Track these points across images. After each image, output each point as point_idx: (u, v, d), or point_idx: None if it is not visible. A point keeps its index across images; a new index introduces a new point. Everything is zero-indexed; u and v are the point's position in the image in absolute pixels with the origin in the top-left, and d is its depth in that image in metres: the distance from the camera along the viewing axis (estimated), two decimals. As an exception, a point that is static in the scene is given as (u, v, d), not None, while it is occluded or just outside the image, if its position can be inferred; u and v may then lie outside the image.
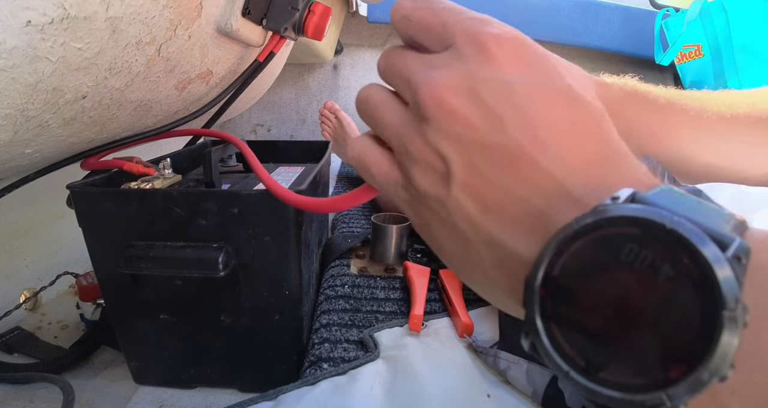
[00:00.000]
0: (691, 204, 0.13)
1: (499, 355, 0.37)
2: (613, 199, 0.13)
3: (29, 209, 0.61)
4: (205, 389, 0.45)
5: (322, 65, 1.51)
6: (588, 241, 0.13)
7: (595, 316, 0.13)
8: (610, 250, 0.13)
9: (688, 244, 0.11)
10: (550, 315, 0.13)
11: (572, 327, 0.13)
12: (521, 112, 0.15)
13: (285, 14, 0.48)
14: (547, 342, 0.13)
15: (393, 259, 0.60)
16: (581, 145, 0.15)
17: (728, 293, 0.11)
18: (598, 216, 0.13)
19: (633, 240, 0.12)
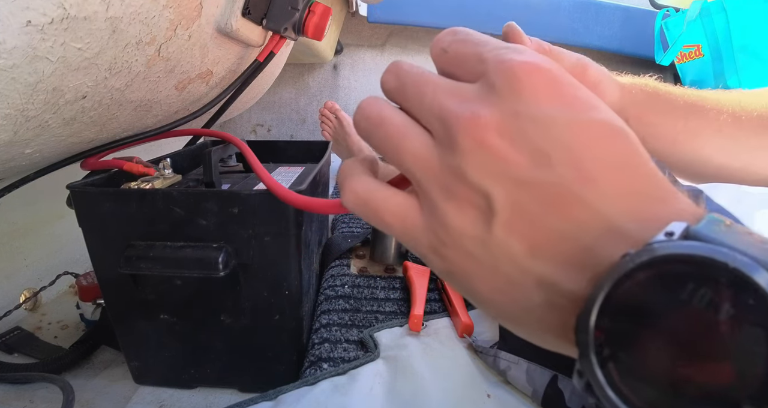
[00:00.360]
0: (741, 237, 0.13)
1: (499, 355, 0.37)
2: (667, 234, 0.13)
3: (29, 209, 0.61)
4: (205, 389, 0.45)
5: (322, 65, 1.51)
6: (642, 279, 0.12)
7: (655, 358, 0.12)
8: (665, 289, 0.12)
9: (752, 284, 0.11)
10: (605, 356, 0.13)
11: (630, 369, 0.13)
12: (566, 148, 0.14)
13: (285, 14, 0.48)
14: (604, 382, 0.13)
15: (393, 259, 0.60)
16: (627, 179, 0.15)
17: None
18: (654, 254, 0.12)
19: (691, 278, 0.12)
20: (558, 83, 0.15)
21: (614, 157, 0.15)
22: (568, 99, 0.15)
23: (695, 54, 1.15)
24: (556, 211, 0.14)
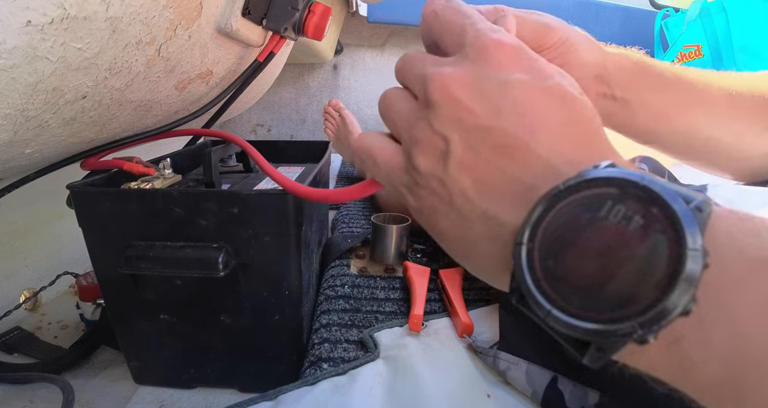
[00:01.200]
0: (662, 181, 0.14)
1: (498, 356, 0.37)
2: (594, 167, 0.15)
3: (29, 209, 0.61)
4: (205, 389, 0.45)
5: (322, 65, 1.51)
6: (571, 200, 0.15)
7: (576, 264, 0.14)
8: (589, 208, 0.14)
9: (657, 197, 0.13)
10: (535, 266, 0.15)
11: (556, 275, 0.15)
12: (516, 104, 0.17)
13: (285, 14, 0.48)
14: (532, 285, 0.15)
15: (393, 259, 0.60)
16: (570, 134, 0.17)
17: (690, 235, 0.13)
18: (580, 178, 0.15)
19: (610, 197, 0.14)
20: (519, 56, 0.18)
21: (556, 115, 0.17)
22: (525, 68, 0.18)
23: (695, 54, 1.15)
24: (502, 153, 0.17)
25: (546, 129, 0.17)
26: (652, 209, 0.13)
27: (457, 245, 0.20)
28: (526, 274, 0.15)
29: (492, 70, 0.18)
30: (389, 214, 0.64)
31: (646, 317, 0.13)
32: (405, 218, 0.62)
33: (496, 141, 0.17)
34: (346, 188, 0.24)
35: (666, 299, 0.12)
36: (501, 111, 0.17)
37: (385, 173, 0.21)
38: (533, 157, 0.17)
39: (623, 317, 0.13)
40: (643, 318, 0.13)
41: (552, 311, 0.14)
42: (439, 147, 0.18)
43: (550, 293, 0.15)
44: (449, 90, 0.18)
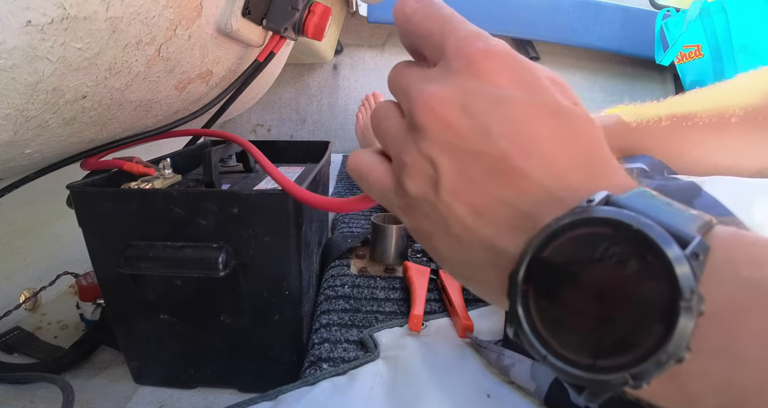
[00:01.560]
0: (660, 206, 0.14)
1: (503, 352, 0.37)
2: (588, 201, 0.14)
3: (29, 209, 0.61)
4: (205, 389, 0.45)
5: (322, 65, 1.51)
6: (566, 239, 0.14)
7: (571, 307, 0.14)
8: (585, 248, 0.14)
9: (652, 243, 0.13)
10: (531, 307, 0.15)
11: (551, 317, 0.14)
12: (508, 125, 0.16)
13: (285, 14, 0.48)
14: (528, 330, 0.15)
15: (393, 259, 0.60)
16: (565, 153, 0.16)
17: (685, 286, 0.12)
18: (575, 217, 0.14)
19: (605, 239, 0.14)
20: (509, 66, 0.17)
21: (551, 133, 0.16)
22: (520, 81, 0.17)
23: (695, 54, 1.15)
24: (497, 180, 0.16)
25: (541, 151, 0.16)
26: (647, 255, 0.13)
27: (457, 268, 0.19)
28: (522, 318, 0.15)
29: (481, 85, 0.17)
30: (389, 214, 0.64)
31: (639, 369, 0.13)
32: (405, 218, 0.62)
33: (490, 166, 0.16)
34: (344, 200, 0.25)
35: (660, 352, 0.12)
36: (492, 133, 0.16)
37: (377, 194, 0.20)
38: (529, 183, 0.16)
39: (617, 367, 0.13)
40: (636, 369, 0.13)
41: (548, 357, 0.14)
42: (428, 172, 0.17)
43: (545, 336, 0.14)
44: (436, 112, 0.17)
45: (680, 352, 0.12)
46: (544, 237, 0.14)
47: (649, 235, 0.13)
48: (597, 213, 0.14)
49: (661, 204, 0.14)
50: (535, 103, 0.16)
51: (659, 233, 0.13)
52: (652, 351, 0.12)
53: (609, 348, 0.13)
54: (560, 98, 0.17)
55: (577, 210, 0.14)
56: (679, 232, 0.13)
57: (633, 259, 0.13)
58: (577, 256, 0.14)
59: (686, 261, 0.12)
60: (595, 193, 0.15)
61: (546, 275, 0.14)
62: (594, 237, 0.14)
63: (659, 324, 0.12)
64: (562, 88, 0.17)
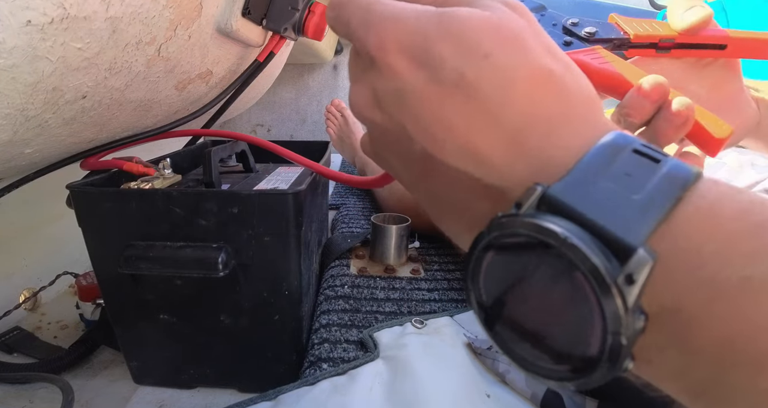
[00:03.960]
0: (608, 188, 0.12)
1: (498, 358, 0.37)
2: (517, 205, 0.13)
3: (29, 209, 0.61)
4: (205, 389, 0.45)
5: (322, 65, 1.52)
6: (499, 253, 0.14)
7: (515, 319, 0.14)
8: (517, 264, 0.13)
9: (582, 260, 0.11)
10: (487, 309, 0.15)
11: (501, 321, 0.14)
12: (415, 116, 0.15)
13: (285, 14, 0.48)
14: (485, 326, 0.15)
15: (393, 259, 0.60)
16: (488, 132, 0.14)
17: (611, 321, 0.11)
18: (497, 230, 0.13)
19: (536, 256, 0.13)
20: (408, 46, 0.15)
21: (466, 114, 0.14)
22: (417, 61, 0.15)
23: (695, 54, 1.14)
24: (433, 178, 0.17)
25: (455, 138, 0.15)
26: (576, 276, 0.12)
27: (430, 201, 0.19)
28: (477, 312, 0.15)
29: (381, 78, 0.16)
30: (389, 214, 0.64)
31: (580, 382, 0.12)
32: (405, 218, 0.62)
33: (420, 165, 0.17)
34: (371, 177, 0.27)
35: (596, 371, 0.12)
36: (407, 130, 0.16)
37: None
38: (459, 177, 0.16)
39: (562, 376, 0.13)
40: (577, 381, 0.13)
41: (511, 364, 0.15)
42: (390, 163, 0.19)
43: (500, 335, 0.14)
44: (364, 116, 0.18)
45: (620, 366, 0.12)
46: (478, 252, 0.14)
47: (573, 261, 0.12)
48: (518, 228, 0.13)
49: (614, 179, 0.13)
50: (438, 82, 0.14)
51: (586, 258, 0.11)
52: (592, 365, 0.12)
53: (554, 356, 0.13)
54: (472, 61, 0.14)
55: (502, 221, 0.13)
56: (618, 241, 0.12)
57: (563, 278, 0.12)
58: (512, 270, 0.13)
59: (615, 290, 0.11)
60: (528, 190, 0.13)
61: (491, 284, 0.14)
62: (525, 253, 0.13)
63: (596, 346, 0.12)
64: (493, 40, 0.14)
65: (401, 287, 0.54)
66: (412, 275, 0.58)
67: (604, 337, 0.12)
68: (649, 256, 0.11)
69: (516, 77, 0.14)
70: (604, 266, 0.11)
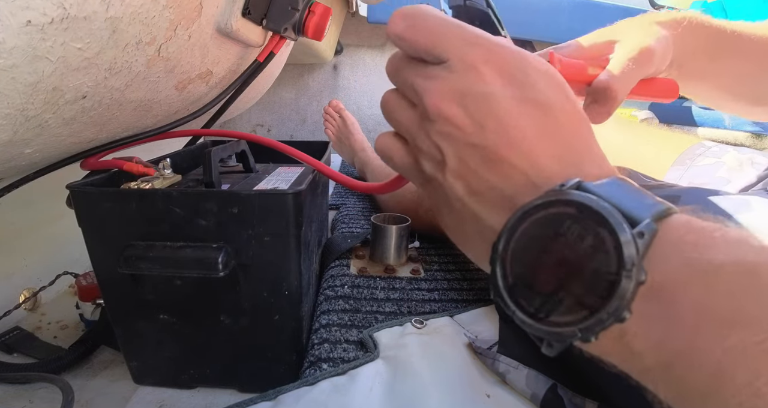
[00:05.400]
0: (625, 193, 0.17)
1: (498, 359, 0.37)
2: (561, 186, 0.17)
3: (29, 209, 0.61)
4: (205, 389, 0.45)
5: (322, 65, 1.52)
6: (539, 217, 0.17)
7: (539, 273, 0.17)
8: (552, 225, 0.17)
9: (605, 222, 0.15)
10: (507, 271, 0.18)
11: (521, 281, 0.17)
12: (497, 120, 0.19)
13: (285, 14, 0.48)
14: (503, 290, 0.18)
15: (393, 259, 0.60)
16: (545, 146, 0.19)
17: (627, 258, 0.15)
18: (545, 198, 0.17)
19: (569, 218, 0.16)
20: (507, 69, 0.20)
21: (535, 127, 0.19)
22: (512, 81, 0.19)
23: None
24: (488, 167, 0.20)
25: (523, 144, 0.19)
26: (601, 232, 0.15)
27: (457, 236, 0.23)
28: (499, 280, 0.18)
29: (477, 85, 0.19)
30: (389, 215, 0.64)
31: (586, 325, 0.15)
32: (405, 218, 0.62)
33: (483, 155, 0.20)
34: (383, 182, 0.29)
35: (601, 311, 0.15)
36: (486, 128, 0.19)
37: (402, 170, 0.24)
38: (513, 170, 0.19)
39: (569, 322, 0.16)
40: (583, 325, 0.15)
41: (516, 312, 0.17)
42: (437, 156, 0.21)
43: (516, 296, 0.17)
44: (441, 109, 0.20)
45: (620, 313, 0.15)
46: (520, 215, 0.17)
47: (603, 216, 0.15)
48: (563, 195, 0.17)
49: (626, 192, 0.17)
50: (523, 100, 0.19)
51: (612, 214, 0.15)
52: (597, 310, 0.15)
53: (565, 307, 0.16)
54: (550, 94, 0.20)
55: (549, 193, 0.17)
56: (632, 215, 0.16)
57: (590, 235, 0.16)
58: (545, 231, 0.17)
59: (632, 238, 0.15)
60: (569, 180, 0.17)
61: (521, 246, 0.17)
62: (561, 216, 0.17)
63: (606, 289, 0.15)
64: (555, 84, 0.20)
65: (401, 287, 0.54)
66: (412, 275, 0.58)
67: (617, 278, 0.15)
68: (652, 223, 0.16)
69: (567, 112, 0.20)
70: (625, 223, 0.15)
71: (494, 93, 0.19)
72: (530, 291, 0.17)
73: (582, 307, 0.15)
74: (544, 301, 0.17)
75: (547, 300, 0.16)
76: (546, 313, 0.16)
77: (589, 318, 0.15)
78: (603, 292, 0.15)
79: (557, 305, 0.16)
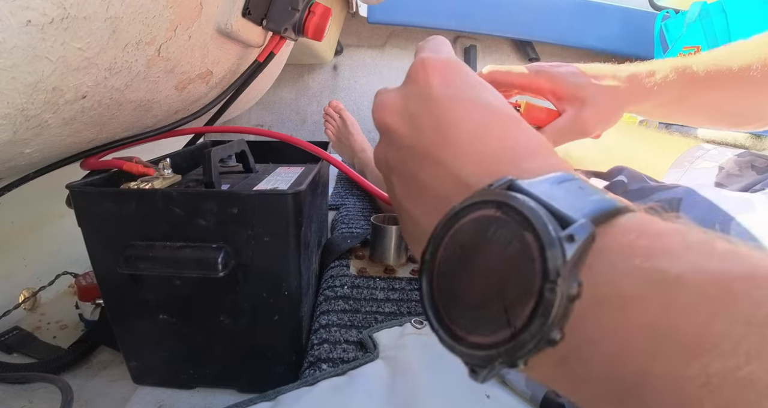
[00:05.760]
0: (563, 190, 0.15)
1: None
2: (489, 186, 0.15)
3: (29, 209, 0.61)
4: (204, 389, 0.45)
5: (322, 66, 1.52)
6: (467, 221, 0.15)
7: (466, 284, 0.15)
8: (480, 229, 0.15)
9: (529, 223, 0.13)
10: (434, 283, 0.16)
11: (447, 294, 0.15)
12: (434, 118, 0.19)
13: (285, 15, 0.48)
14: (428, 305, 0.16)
15: (392, 259, 0.60)
16: (481, 142, 0.18)
17: (551, 268, 0.12)
18: (471, 200, 0.15)
19: (496, 221, 0.14)
20: (448, 72, 0.20)
21: (472, 127, 0.19)
22: (452, 83, 0.20)
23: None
24: (423, 168, 0.19)
25: (457, 143, 0.18)
26: (526, 236, 0.13)
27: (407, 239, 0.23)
28: (425, 293, 0.16)
29: (419, 88, 0.20)
30: (389, 215, 0.64)
31: (507, 347, 0.13)
32: (405, 219, 0.62)
33: (418, 155, 0.19)
34: None
35: (524, 332, 0.12)
36: (422, 129, 0.19)
37: None
38: (445, 170, 0.18)
39: (491, 344, 0.13)
40: (504, 348, 0.13)
41: (439, 331, 0.15)
42: (385, 161, 0.22)
43: (441, 311, 0.15)
44: (383, 117, 0.21)
45: (548, 334, 0.12)
46: (446, 220, 0.16)
47: (526, 217, 0.13)
48: (489, 196, 0.15)
49: (566, 188, 0.15)
50: (462, 100, 0.19)
51: (536, 215, 0.13)
52: (520, 331, 0.13)
53: (489, 326, 0.14)
54: (487, 95, 0.20)
55: (476, 194, 0.15)
56: (564, 215, 0.13)
57: (515, 240, 0.14)
58: (472, 236, 0.15)
59: (557, 243, 0.12)
60: (501, 178, 0.15)
61: (448, 255, 0.16)
62: (488, 219, 0.15)
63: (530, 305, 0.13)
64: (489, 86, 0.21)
65: (401, 288, 0.54)
66: (412, 276, 0.57)
67: (540, 291, 0.12)
68: (589, 224, 0.13)
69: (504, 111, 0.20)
70: (551, 225, 0.13)
71: (432, 94, 0.20)
72: (455, 305, 0.15)
73: (506, 326, 0.13)
74: (471, 317, 0.14)
75: (473, 316, 0.14)
76: (468, 332, 0.14)
77: (510, 340, 0.13)
78: (528, 308, 0.13)
79: (481, 323, 0.14)
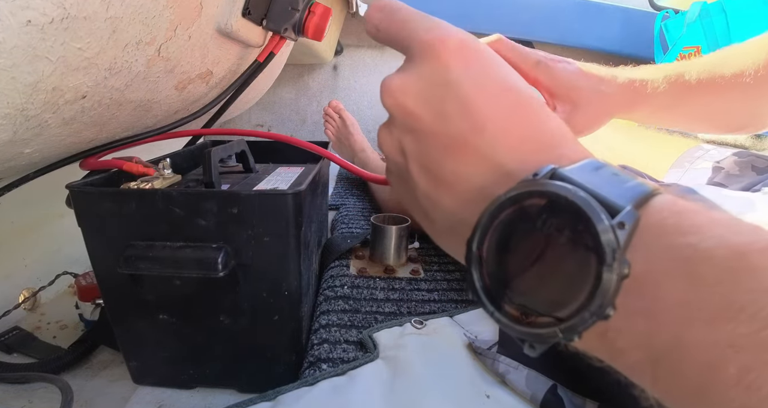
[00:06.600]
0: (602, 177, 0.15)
1: (498, 359, 0.37)
2: (534, 175, 0.16)
3: (29, 209, 0.61)
4: (204, 389, 0.45)
5: (322, 66, 1.52)
6: (513, 210, 0.16)
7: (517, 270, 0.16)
8: (528, 218, 0.15)
9: (582, 214, 0.14)
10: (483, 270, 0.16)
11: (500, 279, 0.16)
12: (460, 104, 0.18)
13: (285, 15, 0.48)
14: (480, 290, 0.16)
15: (392, 259, 0.60)
16: (515, 128, 0.18)
17: (608, 252, 0.13)
18: (519, 190, 0.15)
19: (545, 210, 0.15)
20: (467, 52, 0.18)
21: (504, 112, 0.18)
22: (473, 63, 0.18)
23: (695, 56, 1.15)
24: (453, 156, 0.18)
25: (492, 127, 0.17)
26: (578, 225, 0.14)
27: (429, 230, 0.22)
28: (476, 280, 0.16)
29: (435, 70, 0.18)
30: (389, 215, 0.64)
31: (567, 325, 0.14)
32: (404, 219, 0.62)
33: (446, 144, 0.18)
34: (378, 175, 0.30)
35: (584, 310, 0.14)
36: (447, 114, 0.18)
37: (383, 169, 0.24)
38: (482, 158, 0.18)
39: (550, 323, 0.15)
40: (564, 325, 0.14)
41: (495, 313, 0.16)
42: (400, 149, 0.20)
43: (494, 296, 0.16)
44: (396, 99, 0.19)
45: (604, 311, 0.14)
46: (493, 209, 0.16)
47: (579, 207, 0.14)
48: (537, 186, 0.15)
49: (603, 175, 0.16)
50: (487, 82, 0.18)
51: (589, 205, 0.14)
52: (579, 309, 0.14)
53: (545, 307, 0.15)
54: (514, 77, 0.19)
55: (521, 184, 0.16)
56: (611, 203, 0.14)
57: (567, 228, 0.15)
58: (521, 225, 0.16)
59: (611, 230, 0.14)
60: (542, 167, 0.16)
61: (496, 242, 0.16)
62: (537, 208, 0.15)
63: (587, 286, 0.14)
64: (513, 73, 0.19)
65: (401, 288, 0.54)
66: (412, 276, 0.57)
67: (598, 273, 0.13)
68: (634, 211, 0.14)
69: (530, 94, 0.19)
70: (603, 214, 0.14)
71: (455, 77, 0.18)
72: (508, 291, 0.16)
73: (562, 306, 0.14)
74: (524, 300, 0.16)
75: (526, 299, 0.16)
76: (526, 314, 0.15)
77: (571, 318, 0.14)
78: (585, 290, 0.14)
79: (537, 305, 0.15)
